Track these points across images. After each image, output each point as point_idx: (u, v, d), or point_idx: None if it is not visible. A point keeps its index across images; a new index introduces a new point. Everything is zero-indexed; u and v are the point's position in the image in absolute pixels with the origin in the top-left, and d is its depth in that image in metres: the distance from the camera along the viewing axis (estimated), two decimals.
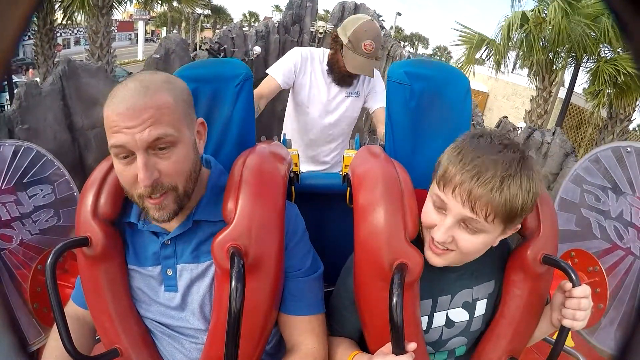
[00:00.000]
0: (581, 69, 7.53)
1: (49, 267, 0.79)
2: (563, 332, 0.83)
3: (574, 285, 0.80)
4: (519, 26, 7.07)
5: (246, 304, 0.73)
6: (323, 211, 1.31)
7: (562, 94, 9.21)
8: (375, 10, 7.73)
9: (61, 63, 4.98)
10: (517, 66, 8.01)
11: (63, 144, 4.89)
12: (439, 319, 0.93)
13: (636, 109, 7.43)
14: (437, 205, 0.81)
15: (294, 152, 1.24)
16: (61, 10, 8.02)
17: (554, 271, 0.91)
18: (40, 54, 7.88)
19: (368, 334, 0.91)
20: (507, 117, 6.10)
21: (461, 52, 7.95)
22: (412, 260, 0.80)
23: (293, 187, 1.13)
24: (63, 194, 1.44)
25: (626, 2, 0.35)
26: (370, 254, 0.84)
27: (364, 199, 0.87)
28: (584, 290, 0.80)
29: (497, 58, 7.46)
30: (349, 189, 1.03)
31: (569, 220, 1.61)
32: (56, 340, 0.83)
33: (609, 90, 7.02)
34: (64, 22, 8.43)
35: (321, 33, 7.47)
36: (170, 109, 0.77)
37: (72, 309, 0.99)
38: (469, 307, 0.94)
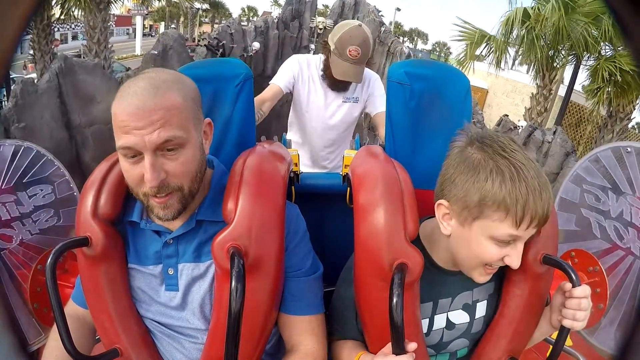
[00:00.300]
0: (581, 66, 7.52)
1: (49, 267, 0.79)
2: (563, 333, 0.83)
3: (573, 286, 0.80)
4: (521, 22, 7.06)
5: (246, 304, 0.73)
6: (323, 211, 1.31)
7: (562, 91, 9.20)
8: (375, 6, 7.68)
9: (58, 60, 4.90)
10: (516, 63, 7.98)
11: (60, 142, 4.83)
12: (439, 321, 0.93)
13: (636, 107, 7.42)
14: (506, 241, 0.78)
15: (294, 152, 1.24)
16: (58, 6, 7.97)
17: (554, 271, 0.91)
18: (38, 49, 7.81)
19: (368, 334, 0.91)
20: (507, 115, 6.09)
21: (461, 48, 7.94)
22: (412, 260, 0.80)
23: (293, 187, 1.13)
24: (63, 194, 1.44)
25: (626, 2, 0.35)
26: (370, 254, 0.84)
27: (364, 199, 0.87)
28: (584, 290, 0.80)
29: (497, 55, 7.44)
30: (349, 189, 1.03)
31: (569, 220, 1.61)
32: (56, 340, 0.83)
33: (609, 88, 7.02)
34: (62, 18, 8.37)
35: (320, 29, 7.42)
36: (179, 110, 0.77)
37: (72, 308, 0.99)
38: (470, 309, 0.94)
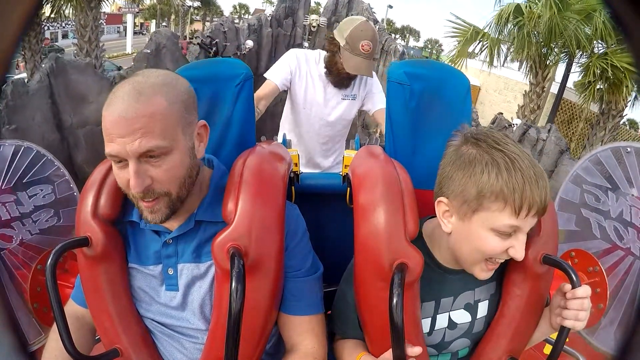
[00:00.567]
0: (574, 64, 7.53)
1: (49, 267, 0.79)
2: (563, 333, 0.83)
3: (573, 286, 0.80)
4: (512, 18, 7.06)
5: (246, 304, 0.73)
6: (323, 211, 1.31)
7: (554, 89, 9.20)
8: (369, 4, 7.65)
9: (49, 59, 4.82)
10: (508, 59, 7.97)
11: (52, 144, 4.74)
12: (441, 321, 0.93)
13: (628, 104, 7.42)
14: (507, 232, 0.78)
15: (293, 152, 1.24)
16: (49, 4, 7.89)
17: (554, 271, 0.91)
18: (28, 48, 7.72)
19: (368, 334, 0.91)
20: (502, 113, 6.10)
21: (453, 46, 7.93)
22: (412, 260, 0.80)
23: (293, 187, 1.13)
24: (63, 194, 1.44)
25: (626, 2, 0.35)
26: (370, 254, 0.84)
27: (364, 199, 0.87)
28: (586, 290, 0.80)
29: (491, 52, 7.44)
30: (349, 189, 1.03)
31: (569, 220, 1.61)
32: (56, 341, 0.83)
33: (600, 85, 7.02)
34: (52, 16, 8.30)
35: (314, 27, 7.36)
36: (163, 116, 0.74)
37: (71, 308, 0.99)
38: (471, 308, 0.94)
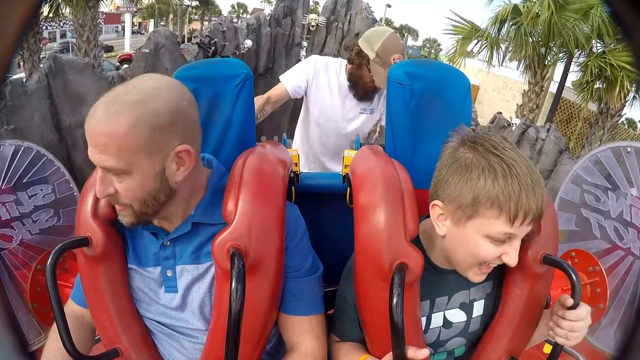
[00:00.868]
0: (572, 63, 7.53)
1: (49, 267, 0.79)
2: (557, 347, 0.84)
3: (573, 288, 0.80)
4: (511, 19, 7.07)
5: (246, 305, 0.73)
6: (323, 211, 1.31)
7: (552, 88, 9.21)
8: (367, 3, 7.62)
9: (47, 59, 4.81)
10: (506, 59, 7.97)
11: (50, 144, 4.73)
12: (436, 319, 0.93)
13: (626, 104, 7.42)
14: (502, 239, 0.78)
15: (294, 152, 1.24)
16: (47, 4, 7.81)
17: (554, 271, 0.91)
18: (26, 48, 7.63)
19: (368, 334, 0.91)
20: (501, 112, 6.11)
21: (451, 44, 7.92)
22: (412, 260, 0.80)
23: (293, 187, 1.13)
24: (63, 194, 1.44)
25: (626, 2, 0.35)
26: (370, 254, 0.84)
27: (364, 199, 0.87)
28: (577, 315, 0.80)
29: (489, 50, 7.44)
30: (349, 189, 1.03)
31: (569, 220, 1.61)
32: (56, 341, 0.83)
33: (598, 85, 7.03)
34: (50, 16, 8.25)
35: (313, 26, 7.33)
36: (120, 139, 0.70)
37: (71, 308, 0.99)
38: (466, 308, 0.94)
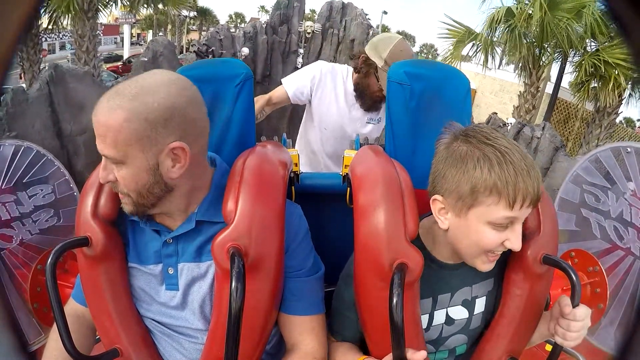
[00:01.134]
0: (568, 63, 7.55)
1: (49, 267, 0.79)
2: (557, 347, 0.84)
3: (573, 286, 0.80)
4: (504, 21, 7.10)
5: (246, 304, 0.73)
6: (323, 211, 1.31)
7: (549, 88, 9.24)
8: (362, 9, 7.71)
9: (48, 68, 4.95)
10: (503, 62, 8.02)
11: (52, 151, 4.75)
12: (439, 317, 0.93)
13: (623, 101, 7.43)
14: (504, 224, 0.79)
15: (293, 152, 1.24)
16: (47, 15, 7.94)
17: (554, 271, 0.91)
18: (26, 59, 7.80)
19: (368, 335, 0.91)
20: (496, 113, 6.13)
21: (446, 49, 7.94)
22: (412, 260, 0.80)
23: (293, 187, 1.13)
24: (63, 194, 1.45)
25: (626, 2, 0.35)
26: (370, 253, 0.84)
27: (364, 198, 0.87)
28: (574, 314, 0.80)
29: (485, 52, 7.46)
30: (349, 189, 1.03)
31: (569, 220, 1.61)
32: (56, 341, 0.83)
33: (594, 84, 7.05)
34: (50, 27, 8.35)
35: (309, 33, 7.41)
36: (115, 130, 0.74)
37: (71, 307, 0.99)
38: (469, 304, 0.94)
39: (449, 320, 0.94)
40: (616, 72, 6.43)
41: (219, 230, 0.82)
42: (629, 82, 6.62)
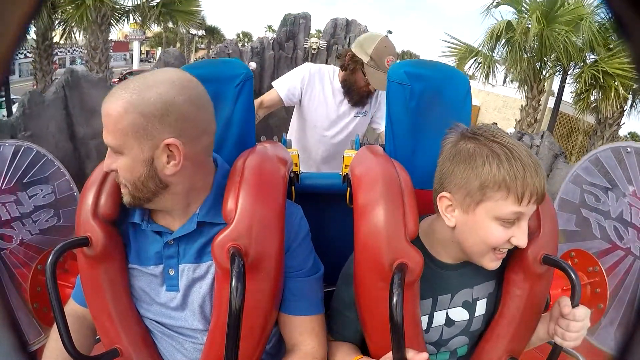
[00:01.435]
0: (568, 76, 7.58)
1: (49, 267, 0.79)
2: (556, 348, 0.84)
3: (573, 286, 0.80)
4: (505, 35, 7.13)
5: (246, 304, 0.73)
6: (323, 211, 1.31)
7: (552, 103, 9.29)
8: (366, 26, 7.85)
9: (65, 73, 5.16)
10: (507, 80, 8.05)
11: (65, 153, 5.01)
12: (438, 318, 0.93)
13: (625, 113, 7.42)
14: (511, 220, 0.80)
15: (294, 152, 1.24)
16: (60, 28, 8.21)
17: (554, 271, 0.91)
18: (39, 69, 8.11)
19: (368, 335, 0.91)
20: (496, 123, 6.15)
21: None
22: (412, 260, 0.80)
23: (293, 187, 1.13)
24: (63, 194, 1.45)
25: (626, 3, 0.35)
26: (370, 253, 0.84)
27: (364, 198, 0.87)
28: (574, 314, 0.80)
29: (484, 68, 7.49)
30: (349, 189, 1.03)
31: (569, 220, 1.61)
32: (56, 341, 0.83)
33: (594, 95, 7.06)
34: (61, 42, 8.67)
35: (314, 49, 7.53)
36: (114, 119, 0.77)
37: (71, 307, 0.99)
38: (469, 306, 0.94)
39: (449, 322, 0.93)
40: (615, 83, 6.44)
41: (219, 231, 0.82)
42: (630, 92, 6.64)
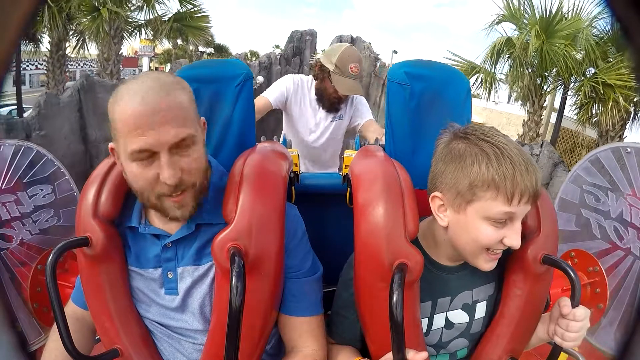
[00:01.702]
0: (569, 90, 7.59)
1: (49, 267, 0.79)
2: (557, 348, 0.84)
3: (572, 286, 0.80)
4: (506, 50, 7.16)
5: (246, 304, 0.73)
6: (323, 211, 1.31)
7: (554, 118, 9.33)
8: (370, 44, 7.97)
9: (80, 77, 5.39)
10: (512, 99, 8.06)
11: (76, 155, 5.21)
12: (438, 320, 0.93)
13: (627, 126, 7.40)
14: (502, 220, 0.79)
15: (294, 152, 1.24)
16: (74, 39, 8.50)
17: (554, 271, 0.91)
18: (52, 78, 8.32)
19: (368, 335, 0.91)
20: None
21: None
22: (412, 260, 0.80)
23: (293, 187, 1.13)
24: (63, 194, 1.44)
25: (628, 5, 0.35)
26: (370, 253, 0.84)
27: (364, 198, 0.87)
28: (574, 314, 0.80)
29: (486, 85, 7.51)
30: (349, 189, 1.03)
31: (569, 220, 1.61)
32: (56, 341, 0.83)
33: (595, 108, 7.07)
34: (72, 55, 8.91)
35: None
36: (187, 108, 0.78)
37: (71, 309, 0.99)
38: (469, 309, 0.93)
39: (448, 324, 0.93)
40: (615, 94, 6.45)
41: (217, 232, 0.82)
42: (632, 104, 6.65)
